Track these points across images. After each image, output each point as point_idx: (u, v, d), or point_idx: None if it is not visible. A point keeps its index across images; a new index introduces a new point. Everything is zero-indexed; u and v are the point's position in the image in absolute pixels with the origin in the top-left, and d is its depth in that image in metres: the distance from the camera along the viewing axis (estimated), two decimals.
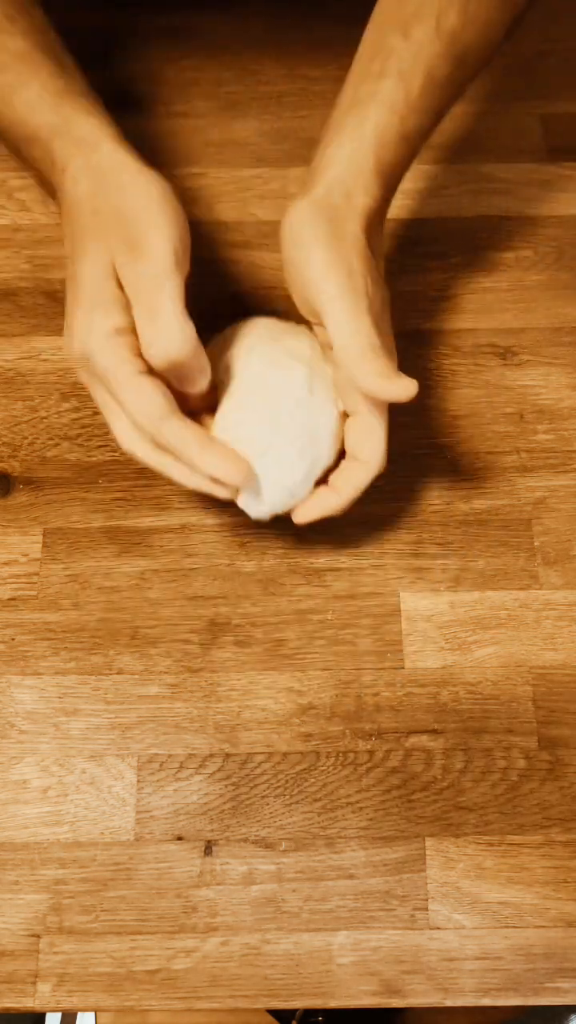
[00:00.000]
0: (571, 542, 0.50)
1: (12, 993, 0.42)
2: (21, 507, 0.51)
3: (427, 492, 0.51)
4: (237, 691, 0.47)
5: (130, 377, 0.39)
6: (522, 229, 0.58)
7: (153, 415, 0.40)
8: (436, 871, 0.43)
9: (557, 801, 0.45)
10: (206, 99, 0.62)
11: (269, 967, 0.42)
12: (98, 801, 0.45)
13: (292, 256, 0.42)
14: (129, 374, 0.39)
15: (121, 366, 0.39)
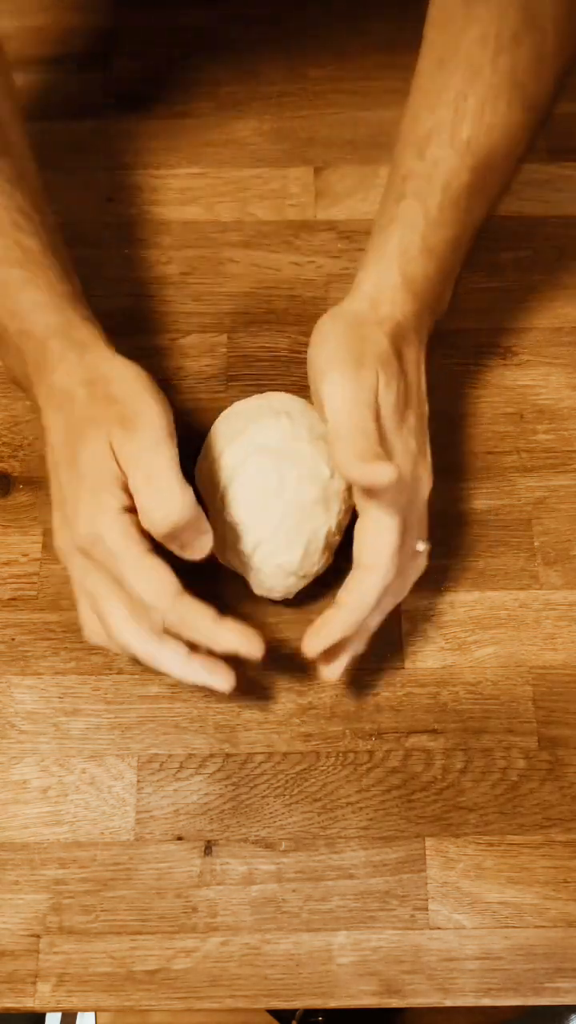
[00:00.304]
0: (571, 542, 0.50)
1: (12, 993, 0.42)
2: (21, 507, 0.51)
3: None
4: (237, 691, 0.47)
5: (142, 556, 0.39)
6: (522, 229, 0.58)
7: (166, 593, 0.39)
8: (436, 871, 0.43)
9: (557, 801, 0.45)
10: (206, 99, 0.62)
11: (269, 967, 0.42)
12: (98, 801, 0.45)
13: (311, 354, 0.43)
14: (141, 553, 0.39)
15: (132, 545, 0.39)
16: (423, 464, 0.44)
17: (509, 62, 0.43)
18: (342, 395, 0.40)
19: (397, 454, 0.42)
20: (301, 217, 0.59)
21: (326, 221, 0.58)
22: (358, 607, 0.41)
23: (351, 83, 0.63)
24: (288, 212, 0.59)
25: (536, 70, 0.43)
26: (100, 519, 0.40)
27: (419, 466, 0.43)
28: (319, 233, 0.58)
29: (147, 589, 0.39)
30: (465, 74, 0.43)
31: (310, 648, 0.41)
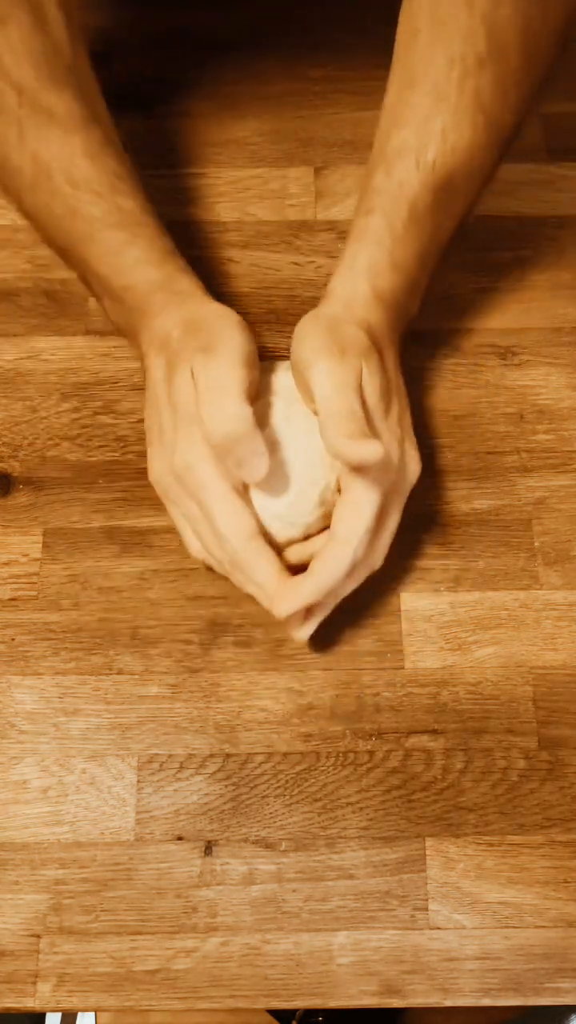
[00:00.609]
0: (571, 542, 0.50)
1: (12, 993, 0.42)
2: (21, 507, 0.51)
3: (427, 492, 0.51)
4: (237, 691, 0.47)
5: (226, 491, 0.43)
6: (522, 229, 0.58)
7: (242, 532, 0.43)
8: (436, 871, 0.43)
9: (557, 801, 0.45)
10: (206, 99, 0.62)
11: (269, 967, 0.42)
12: (98, 801, 0.45)
13: (296, 351, 0.45)
14: (225, 488, 0.43)
15: (218, 479, 0.43)
16: (410, 452, 0.46)
17: (474, 86, 0.44)
18: (330, 381, 0.42)
19: (383, 437, 0.44)
20: (301, 217, 0.59)
21: (326, 221, 0.58)
22: (327, 578, 0.43)
23: (351, 83, 0.63)
24: (288, 212, 0.59)
25: (501, 94, 0.45)
26: (192, 451, 0.43)
27: (406, 453, 0.46)
28: (319, 233, 0.58)
29: (225, 523, 0.43)
30: (431, 96, 0.44)
31: (279, 610, 0.43)
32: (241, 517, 0.43)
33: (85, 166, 0.46)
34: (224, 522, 0.43)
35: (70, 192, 0.47)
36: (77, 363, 0.54)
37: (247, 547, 0.43)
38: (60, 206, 0.47)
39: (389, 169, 0.46)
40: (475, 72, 0.44)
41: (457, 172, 0.46)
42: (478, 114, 0.44)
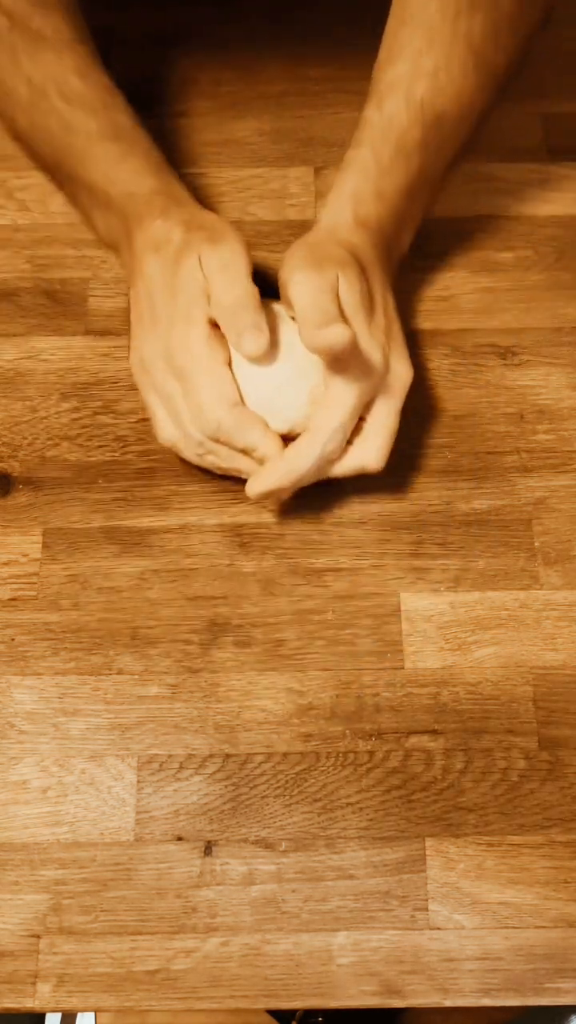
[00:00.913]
0: (571, 542, 0.50)
1: (12, 993, 0.42)
2: (21, 507, 0.51)
3: (427, 492, 0.51)
4: (237, 691, 0.47)
5: (216, 363, 0.45)
6: (522, 229, 0.58)
7: (227, 398, 0.45)
8: (436, 871, 0.43)
9: (557, 801, 0.45)
10: (206, 99, 0.62)
11: (269, 967, 0.42)
12: (98, 801, 0.45)
13: (280, 276, 0.47)
14: (216, 361, 0.45)
15: (210, 352, 0.45)
16: (398, 359, 0.47)
17: (466, 27, 0.45)
18: (305, 287, 0.44)
19: (363, 339, 0.45)
20: (301, 217, 0.59)
21: None
22: (296, 466, 0.45)
23: (351, 83, 0.62)
24: (288, 212, 0.59)
25: (493, 37, 0.46)
26: (189, 327, 0.45)
27: (392, 359, 0.47)
28: None
29: (211, 391, 0.45)
30: (425, 35, 0.46)
31: (251, 491, 0.46)
32: (228, 386, 0.45)
33: (78, 83, 0.49)
34: (210, 390, 0.45)
35: (65, 109, 0.49)
36: (77, 363, 0.54)
37: (231, 412, 0.45)
38: (56, 123, 0.49)
39: (380, 103, 0.48)
40: (467, 13, 0.45)
41: (446, 111, 0.47)
42: (469, 56, 0.46)
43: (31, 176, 0.59)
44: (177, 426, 0.47)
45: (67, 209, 0.58)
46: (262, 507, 0.50)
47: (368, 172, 0.48)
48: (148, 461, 0.52)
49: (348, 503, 0.51)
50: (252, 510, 0.50)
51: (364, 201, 0.48)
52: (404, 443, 0.50)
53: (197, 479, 0.51)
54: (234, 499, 0.51)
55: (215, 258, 0.45)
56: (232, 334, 0.45)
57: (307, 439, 0.45)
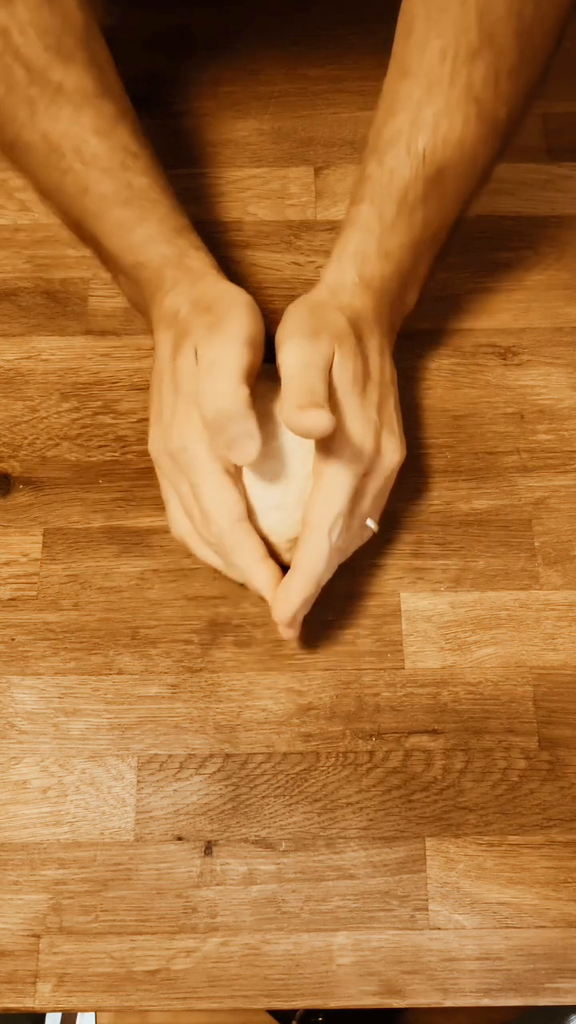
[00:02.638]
0: (571, 542, 0.50)
1: (12, 993, 0.42)
2: (21, 507, 0.51)
3: (427, 492, 0.51)
4: (237, 691, 0.47)
5: (217, 473, 0.43)
6: (522, 229, 0.58)
7: (230, 514, 0.43)
8: (436, 871, 0.43)
9: (557, 801, 0.45)
10: (206, 99, 0.62)
11: (269, 967, 0.42)
12: (98, 801, 0.45)
13: (275, 335, 0.45)
14: (217, 470, 0.43)
15: (211, 461, 0.43)
16: (389, 439, 0.45)
17: (466, 76, 0.44)
18: (296, 359, 0.42)
19: (355, 421, 0.43)
20: (301, 217, 0.59)
21: (326, 221, 0.58)
22: (312, 569, 0.43)
23: (351, 83, 0.63)
24: (288, 212, 0.59)
25: (494, 85, 0.45)
26: (188, 431, 0.43)
27: (382, 439, 0.45)
28: (319, 233, 0.58)
29: (214, 504, 0.43)
30: (424, 86, 0.45)
31: (280, 617, 0.43)
32: (229, 498, 0.43)
33: (95, 143, 0.46)
34: (212, 503, 0.43)
35: (81, 169, 0.47)
36: (77, 363, 0.54)
37: (233, 529, 0.43)
38: (71, 184, 0.47)
39: (381, 158, 0.46)
40: (467, 63, 0.44)
41: (448, 163, 0.46)
42: (470, 105, 0.45)
43: None
44: (191, 521, 0.46)
45: None
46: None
47: (371, 229, 0.46)
48: (148, 461, 0.52)
49: None
50: None
51: (368, 260, 0.46)
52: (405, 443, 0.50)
53: None
54: None
55: (207, 352, 0.43)
56: (220, 444, 0.42)
57: (312, 536, 0.43)
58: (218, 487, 0.43)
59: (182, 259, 0.47)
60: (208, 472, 0.43)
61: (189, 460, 0.44)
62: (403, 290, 0.49)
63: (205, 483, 0.43)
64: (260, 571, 0.43)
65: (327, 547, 0.43)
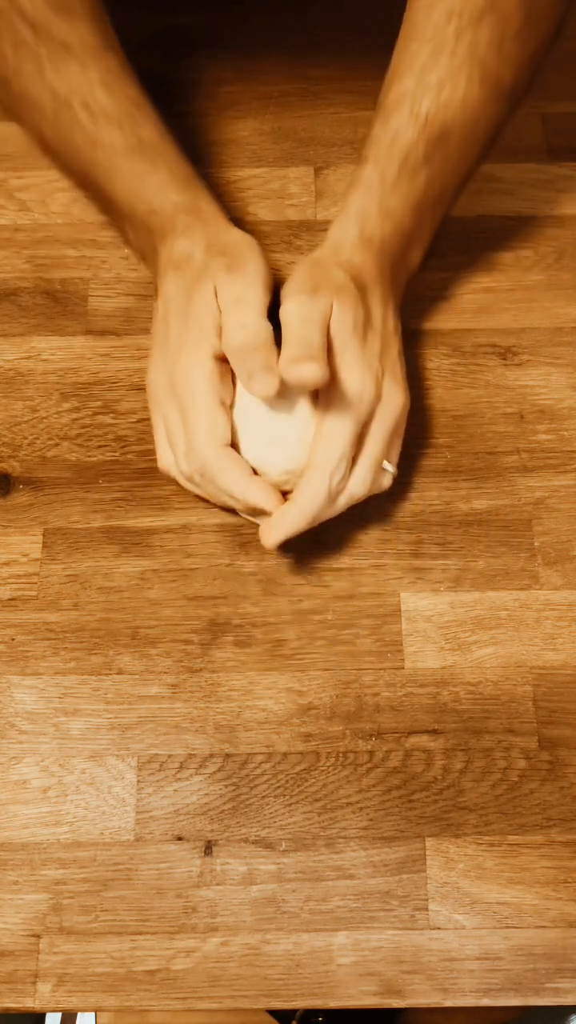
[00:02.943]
0: (571, 542, 0.50)
1: (12, 993, 0.42)
2: (21, 507, 0.51)
3: (427, 492, 0.51)
4: (237, 691, 0.47)
5: (212, 400, 0.45)
6: (522, 229, 0.58)
7: (217, 439, 0.45)
8: (436, 871, 0.43)
9: (557, 801, 0.45)
10: (206, 99, 0.62)
11: (269, 967, 0.42)
12: (98, 801, 0.45)
13: (282, 293, 0.46)
14: (212, 398, 0.45)
15: (208, 388, 0.45)
16: (392, 385, 0.47)
17: (471, 40, 0.45)
18: (295, 315, 0.44)
19: (354, 368, 0.45)
20: (301, 217, 0.59)
21: (326, 221, 0.58)
22: (309, 504, 0.45)
23: (351, 83, 0.63)
24: (288, 212, 0.59)
25: (499, 49, 0.45)
26: (193, 359, 0.45)
27: (385, 385, 0.46)
28: (319, 233, 0.58)
29: (201, 429, 0.45)
30: (430, 49, 0.46)
31: (267, 541, 0.45)
32: (218, 424, 0.45)
33: (103, 96, 0.48)
34: (200, 426, 0.45)
35: (89, 123, 0.48)
36: (77, 363, 0.54)
37: (218, 454, 0.45)
38: (80, 137, 0.48)
39: (386, 119, 0.47)
40: (472, 26, 0.45)
41: (452, 126, 0.47)
42: (474, 68, 0.45)
43: (31, 176, 0.59)
44: (173, 453, 0.47)
45: (67, 209, 0.58)
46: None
47: (373, 189, 0.48)
48: (148, 461, 0.52)
49: None
50: None
51: (370, 219, 0.48)
52: (404, 443, 0.50)
53: None
54: None
55: (229, 291, 0.45)
56: (242, 375, 0.44)
57: (314, 476, 0.44)
58: (209, 413, 0.45)
59: (193, 205, 0.49)
60: (204, 398, 0.45)
61: (189, 387, 0.45)
62: (405, 249, 0.50)
63: (197, 408, 0.45)
64: (253, 488, 0.45)
65: (326, 488, 0.44)
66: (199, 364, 0.45)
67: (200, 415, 0.45)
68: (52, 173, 0.60)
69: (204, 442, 0.45)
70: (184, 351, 0.45)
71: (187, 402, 0.45)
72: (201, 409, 0.45)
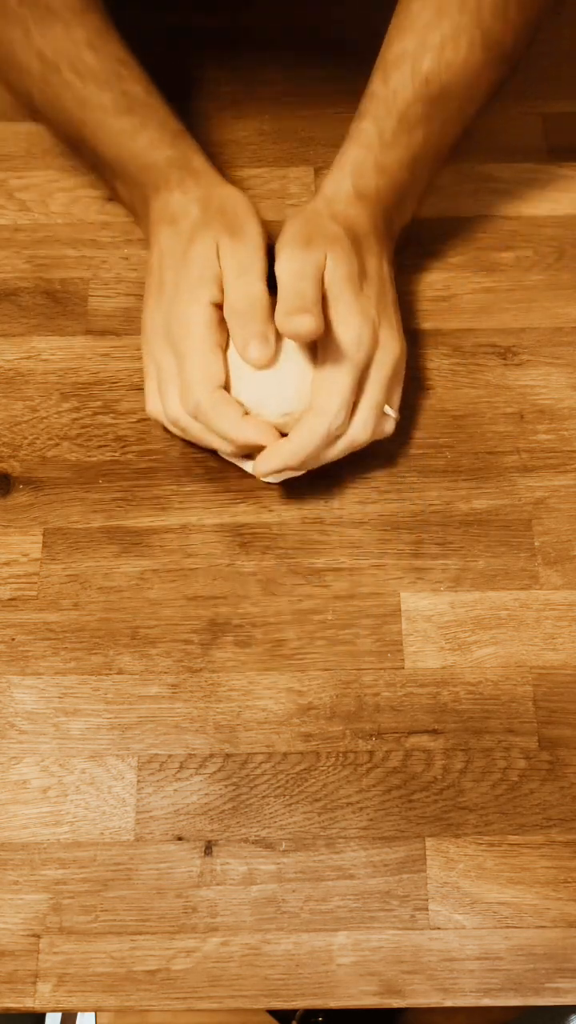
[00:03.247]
0: (571, 542, 0.50)
1: (12, 993, 0.42)
2: (21, 507, 0.51)
3: (427, 492, 0.51)
4: (237, 691, 0.47)
5: (209, 345, 0.46)
6: (522, 229, 0.58)
7: (211, 380, 0.45)
8: (436, 871, 0.43)
9: (557, 801, 0.45)
10: (206, 99, 0.62)
11: (269, 967, 0.42)
12: (98, 801, 0.45)
13: (276, 247, 0.47)
14: (209, 342, 0.46)
15: (206, 333, 0.46)
16: (388, 332, 0.48)
17: (475, 2, 0.45)
18: (289, 268, 0.45)
19: (350, 316, 0.46)
20: None
21: None
22: (304, 444, 0.46)
23: (351, 83, 0.62)
24: (288, 212, 0.59)
25: (502, 13, 0.46)
26: (192, 305, 0.46)
27: (382, 332, 0.47)
28: None
29: (197, 371, 0.46)
30: (434, 9, 0.46)
31: (260, 468, 0.47)
32: (213, 366, 0.46)
33: (89, 56, 0.48)
34: (195, 368, 0.45)
35: (78, 83, 0.48)
36: (77, 363, 0.54)
37: (212, 395, 0.45)
38: (70, 99, 0.49)
39: (386, 76, 0.48)
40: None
41: (451, 86, 0.47)
42: (476, 31, 0.46)
43: (31, 176, 0.59)
44: (162, 399, 0.48)
45: (67, 209, 0.58)
46: (263, 506, 0.50)
47: (370, 145, 0.48)
48: (148, 461, 0.52)
49: (348, 503, 0.51)
50: (252, 510, 0.50)
51: (364, 174, 0.49)
52: (404, 443, 0.50)
53: (197, 479, 0.51)
54: (234, 499, 0.51)
55: (233, 257, 0.47)
56: (238, 340, 0.45)
57: (313, 417, 0.46)
58: (205, 355, 0.46)
59: (185, 159, 0.51)
60: (201, 341, 0.46)
61: (186, 330, 0.46)
62: (399, 201, 0.51)
63: (194, 351, 0.46)
64: (248, 426, 0.45)
65: (324, 430, 0.45)
66: (197, 309, 0.46)
67: (197, 357, 0.46)
68: (52, 173, 0.60)
69: (199, 384, 0.45)
70: (181, 296, 0.47)
71: (183, 345, 0.46)
72: (198, 352, 0.46)
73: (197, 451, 0.52)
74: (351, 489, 0.51)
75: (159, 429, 0.52)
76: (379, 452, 0.51)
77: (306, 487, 0.50)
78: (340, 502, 0.51)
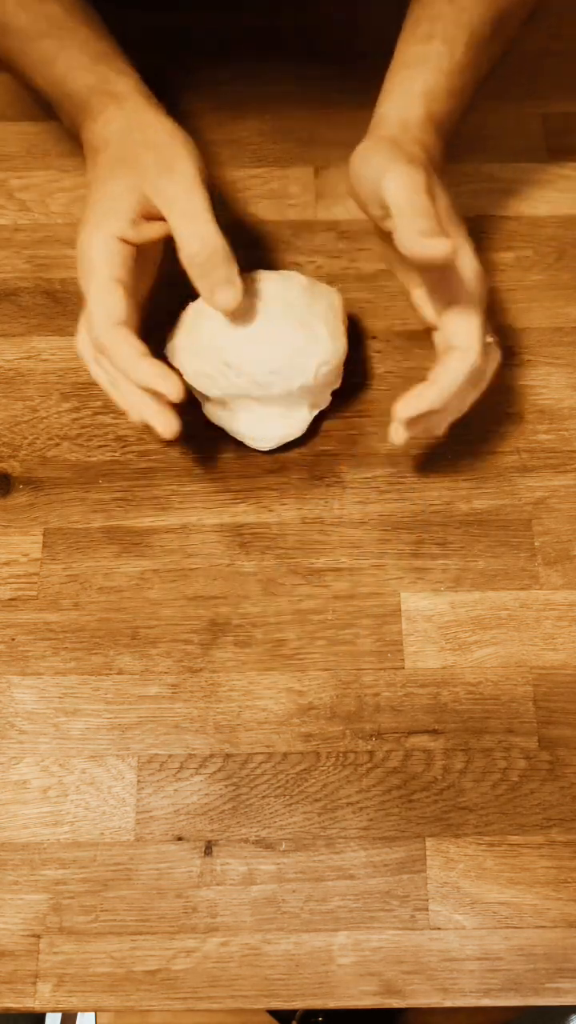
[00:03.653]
0: (571, 542, 0.50)
1: (12, 993, 0.42)
2: (21, 507, 0.51)
3: (427, 492, 0.51)
4: (237, 691, 0.47)
5: (108, 278, 0.43)
6: (522, 229, 0.58)
7: (110, 317, 0.43)
8: (436, 871, 0.43)
9: (557, 801, 0.45)
10: (206, 99, 0.62)
11: (269, 967, 0.42)
12: (98, 801, 0.45)
13: (360, 172, 0.45)
14: (108, 275, 0.43)
15: (104, 266, 0.43)
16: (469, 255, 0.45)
17: None
18: (404, 183, 0.42)
19: (467, 246, 0.44)
20: (301, 217, 0.59)
21: (326, 221, 0.58)
22: (449, 384, 0.44)
23: (351, 83, 0.62)
24: (288, 212, 0.59)
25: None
26: (94, 237, 0.44)
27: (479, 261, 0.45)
28: (319, 233, 0.58)
29: (96, 307, 0.43)
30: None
31: (401, 413, 0.44)
32: (111, 301, 0.43)
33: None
34: (96, 304, 0.44)
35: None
36: (77, 363, 0.54)
37: (111, 331, 0.43)
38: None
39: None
40: None
41: (508, 7, 0.47)
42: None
43: (31, 176, 0.59)
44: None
45: (67, 209, 0.58)
46: (263, 506, 0.50)
47: (442, 67, 0.46)
48: (148, 461, 0.52)
49: (348, 503, 0.51)
50: (252, 510, 0.50)
51: (437, 98, 0.47)
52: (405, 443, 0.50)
53: (197, 479, 0.51)
54: (234, 499, 0.51)
55: (172, 199, 0.44)
56: (203, 288, 0.44)
57: (456, 357, 0.44)
58: (102, 289, 0.43)
59: (105, 84, 0.47)
60: (99, 275, 0.44)
61: (87, 263, 0.44)
62: (454, 128, 0.49)
63: (93, 285, 0.44)
64: (145, 365, 0.43)
65: (469, 368, 0.43)
66: (99, 241, 0.44)
67: (95, 291, 0.44)
68: (52, 173, 0.60)
69: (99, 319, 0.43)
70: (85, 229, 0.44)
71: (85, 279, 0.44)
72: (96, 286, 0.44)
73: (197, 451, 0.52)
74: (351, 489, 0.51)
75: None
76: (379, 452, 0.51)
77: (306, 487, 0.50)
78: (340, 502, 0.51)
